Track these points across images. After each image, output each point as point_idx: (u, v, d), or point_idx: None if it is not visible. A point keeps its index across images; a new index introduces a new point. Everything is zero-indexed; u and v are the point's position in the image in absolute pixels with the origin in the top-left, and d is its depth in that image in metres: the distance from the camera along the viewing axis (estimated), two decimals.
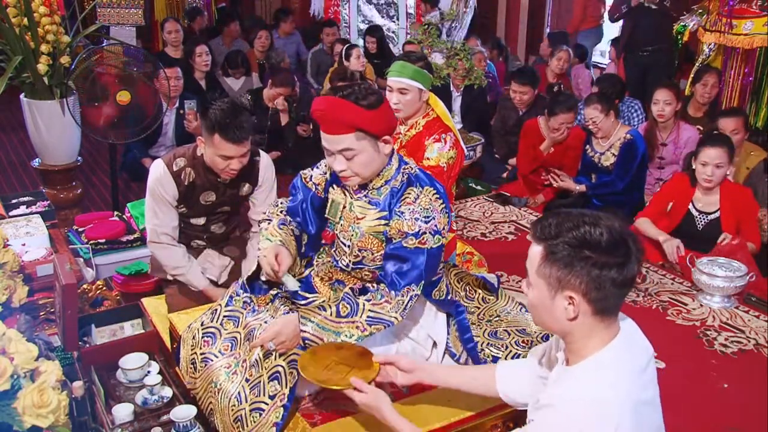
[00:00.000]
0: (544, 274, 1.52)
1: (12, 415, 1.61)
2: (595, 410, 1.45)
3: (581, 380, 1.52)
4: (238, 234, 3.14)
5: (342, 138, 1.98)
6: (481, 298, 2.51)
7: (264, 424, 1.97)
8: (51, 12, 3.89)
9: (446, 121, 3.21)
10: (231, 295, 2.30)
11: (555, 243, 1.49)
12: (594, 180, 4.76)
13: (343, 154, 2.01)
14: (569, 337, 1.57)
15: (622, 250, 1.48)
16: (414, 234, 2.02)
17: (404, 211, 2.04)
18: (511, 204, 4.95)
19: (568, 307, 1.50)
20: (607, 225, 1.49)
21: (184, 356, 2.29)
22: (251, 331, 2.11)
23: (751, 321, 3.41)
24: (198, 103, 5.20)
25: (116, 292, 3.27)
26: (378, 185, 2.12)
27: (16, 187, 5.37)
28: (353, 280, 2.23)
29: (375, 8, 8.02)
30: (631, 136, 4.56)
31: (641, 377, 1.54)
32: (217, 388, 2.11)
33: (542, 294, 1.54)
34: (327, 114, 1.99)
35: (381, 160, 2.07)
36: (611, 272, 1.46)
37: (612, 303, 1.52)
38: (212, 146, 2.67)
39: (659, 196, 4.10)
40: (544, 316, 1.58)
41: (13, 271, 2.47)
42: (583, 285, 1.48)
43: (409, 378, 1.95)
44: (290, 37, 7.95)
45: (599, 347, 1.54)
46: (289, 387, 1.99)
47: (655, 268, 3.91)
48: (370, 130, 1.99)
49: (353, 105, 1.97)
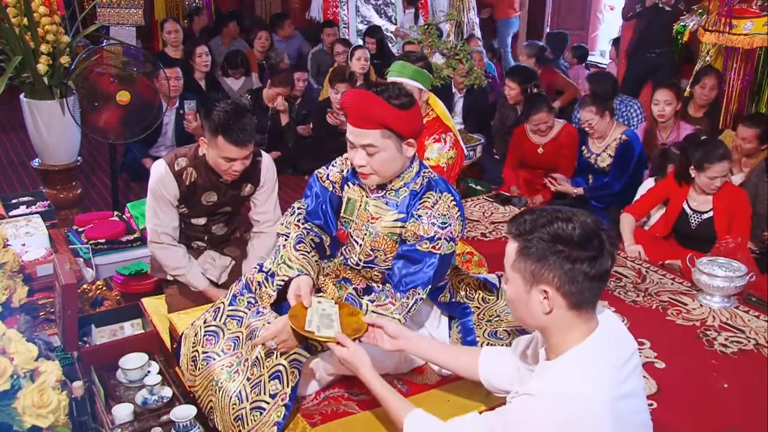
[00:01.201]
0: (519, 269, 1.56)
1: (12, 415, 1.61)
2: (574, 405, 1.47)
3: (560, 374, 1.54)
4: (239, 234, 3.14)
5: (368, 133, 1.99)
6: (481, 298, 2.51)
7: (265, 423, 1.97)
8: (51, 12, 3.89)
9: (446, 121, 3.21)
10: (235, 294, 2.30)
11: (529, 238, 1.53)
12: (591, 181, 4.76)
13: (365, 149, 2.02)
14: (547, 332, 1.60)
15: (594, 244, 1.51)
16: (429, 238, 2.03)
17: (422, 214, 2.05)
18: (511, 204, 4.94)
19: (543, 301, 1.54)
20: (580, 221, 1.53)
21: (185, 353, 2.29)
22: (253, 332, 2.11)
23: (751, 321, 3.41)
24: (198, 103, 5.20)
25: (116, 292, 3.27)
26: (397, 186, 2.12)
27: (16, 187, 5.37)
28: (360, 279, 2.22)
29: (373, 9, 8.02)
30: (627, 136, 4.56)
31: (621, 371, 1.56)
32: (218, 386, 2.11)
33: (518, 289, 1.58)
34: (357, 106, 2.00)
35: (402, 162, 2.08)
36: (584, 266, 1.50)
37: (587, 297, 1.54)
38: (215, 148, 2.67)
39: (651, 193, 4.10)
40: (521, 311, 1.62)
41: (13, 271, 2.47)
42: (556, 279, 1.51)
43: (395, 344, 1.96)
44: (291, 39, 7.95)
45: (578, 341, 1.56)
46: (290, 386, 1.99)
47: (655, 268, 3.91)
48: (397, 130, 2.00)
49: (384, 102, 1.97)
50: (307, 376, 2.12)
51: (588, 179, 4.79)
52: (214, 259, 3.03)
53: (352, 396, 2.13)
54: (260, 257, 2.93)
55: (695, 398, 2.77)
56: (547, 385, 1.54)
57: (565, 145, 4.85)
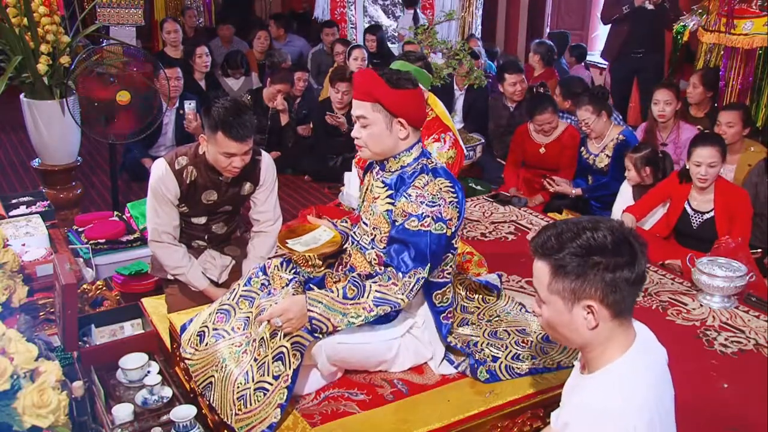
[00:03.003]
0: (556, 290, 1.50)
1: (12, 415, 1.61)
2: (611, 421, 1.44)
3: (599, 390, 1.50)
4: (239, 234, 3.14)
5: (361, 104, 2.14)
6: (481, 299, 2.51)
7: (269, 404, 1.98)
8: (51, 12, 3.89)
9: (445, 120, 3.21)
10: (250, 276, 2.35)
11: (561, 256, 1.47)
12: (590, 182, 4.76)
13: (359, 121, 2.16)
14: (589, 347, 1.55)
15: (627, 248, 1.47)
16: (417, 216, 2.06)
17: (411, 193, 2.10)
18: (510, 204, 4.95)
19: (588, 316, 1.49)
20: (607, 227, 1.48)
21: (191, 329, 2.30)
22: (261, 311, 2.13)
23: (751, 321, 3.41)
24: (198, 103, 5.20)
25: (116, 292, 3.27)
26: (393, 168, 2.20)
27: (16, 187, 5.37)
28: (365, 265, 2.23)
29: (381, 9, 8.00)
30: (624, 136, 4.56)
31: (658, 385, 1.53)
32: (224, 364, 2.12)
33: (558, 309, 1.52)
34: (358, 80, 2.18)
35: (392, 141, 2.16)
36: (624, 272, 1.45)
37: (628, 303, 1.51)
38: (215, 144, 2.68)
39: (652, 194, 4.10)
40: (563, 331, 1.55)
41: (13, 271, 2.47)
42: (599, 292, 1.46)
43: None
44: (291, 41, 7.94)
45: (617, 355, 1.52)
46: (292, 368, 2.01)
47: (655, 268, 3.91)
48: (386, 105, 2.10)
49: (379, 78, 2.12)
50: (308, 370, 2.13)
51: (587, 180, 4.79)
52: (214, 258, 3.03)
53: (352, 396, 2.14)
54: (260, 257, 2.93)
55: (695, 398, 2.77)
56: (584, 401, 1.51)
57: (568, 146, 4.85)
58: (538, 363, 2.26)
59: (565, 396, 1.65)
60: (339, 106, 5.53)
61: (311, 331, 2.02)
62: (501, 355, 2.26)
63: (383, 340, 2.17)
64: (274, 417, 1.97)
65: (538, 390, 2.19)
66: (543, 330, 1.72)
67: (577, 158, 4.81)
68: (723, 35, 4.77)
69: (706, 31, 4.93)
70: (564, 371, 2.20)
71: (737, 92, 4.75)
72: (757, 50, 4.60)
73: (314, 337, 2.04)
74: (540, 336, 2.36)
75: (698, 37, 5.09)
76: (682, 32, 5.54)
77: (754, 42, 4.59)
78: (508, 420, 2.17)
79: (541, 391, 2.20)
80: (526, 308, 2.55)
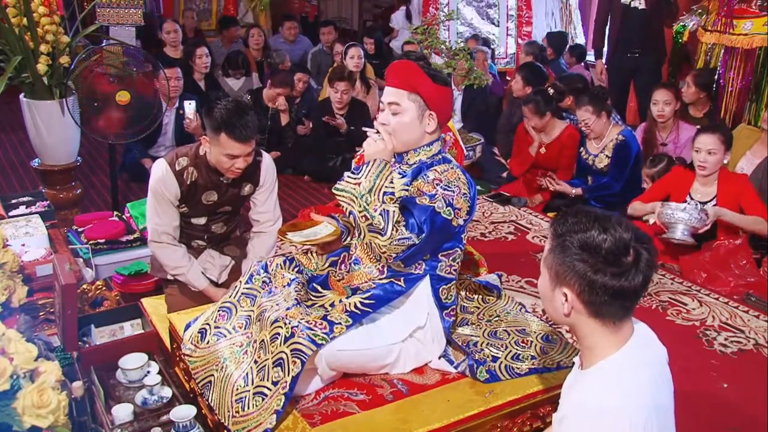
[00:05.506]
0: (548, 266, 1.58)
1: (12, 415, 1.61)
2: (606, 419, 1.44)
3: (594, 386, 1.52)
4: (239, 234, 3.14)
5: (398, 92, 2.16)
6: (481, 299, 2.51)
7: (266, 409, 1.98)
8: (50, 12, 3.89)
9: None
10: (252, 273, 2.34)
11: (563, 239, 1.53)
12: (590, 182, 4.76)
13: (391, 107, 2.17)
14: (575, 333, 1.60)
15: (623, 260, 1.47)
16: (429, 195, 2.09)
17: (429, 175, 2.13)
18: (510, 204, 4.95)
19: (564, 303, 1.54)
20: (615, 234, 1.48)
21: (193, 327, 2.30)
22: (263, 312, 2.12)
23: (751, 321, 3.41)
24: (198, 103, 5.20)
25: (116, 293, 3.27)
26: (412, 161, 2.22)
27: (15, 187, 5.36)
28: (372, 258, 2.23)
29: (475, 11, 7.91)
30: (624, 136, 4.57)
31: (656, 382, 1.53)
32: (224, 364, 2.13)
33: (545, 283, 1.60)
34: (397, 68, 2.21)
35: (419, 133, 2.19)
36: (605, 278, 1.47)
37: (611, 311, 1.51)
38: (218, 145, 2.67)
39: (657, 186, 4.12)
40: (547, 305, 1.64)
41: (13, 271, 2.47)
42: (576, 285, 1.51)
43: None
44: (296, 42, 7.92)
45: (611, 351, 1.54)
46: (291, 375, 2.00)
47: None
48: (424, 96, 2.15)
49: (420, 70, 2.17)
50: (308, 373, 2.13)
51: (587, 180, 4.79)
52: (213, 258, 3.03)
53: (352, 396, 2.13)
54: (260, 257, 2.93)
55: (695, 398, 2.77)
56: (579, 399, 1.52)
57: (567, 146, 4.85)
58: (537, 363, 2.26)
59: (564, 392, 1.66)
60: (338, 106, 5.54)
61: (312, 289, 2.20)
62: (501, 355, 2.26)
63: (384, 345, 2.15)
64: (269, 423, 1.97)
65: (537, 390, 2.19)
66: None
67: (576, 158, 4.81)
68: (723, 35, 4.77)
69: (706, 31, 4.93)
70: (564, 371, 2.20)
71: (737, 92, 4.75)
72: (757, 50, 4.60)
73: (316, 346, 2.03)
74: (540, 336, 2.36)
75: (698, 37, 5.09)
76: (682, 32, 5.54)
77: (753, 42, 4.59)
78: (508, 420, 2.17)
79: (540, 392, 2.20)
80: (526, 308, 2.55)
